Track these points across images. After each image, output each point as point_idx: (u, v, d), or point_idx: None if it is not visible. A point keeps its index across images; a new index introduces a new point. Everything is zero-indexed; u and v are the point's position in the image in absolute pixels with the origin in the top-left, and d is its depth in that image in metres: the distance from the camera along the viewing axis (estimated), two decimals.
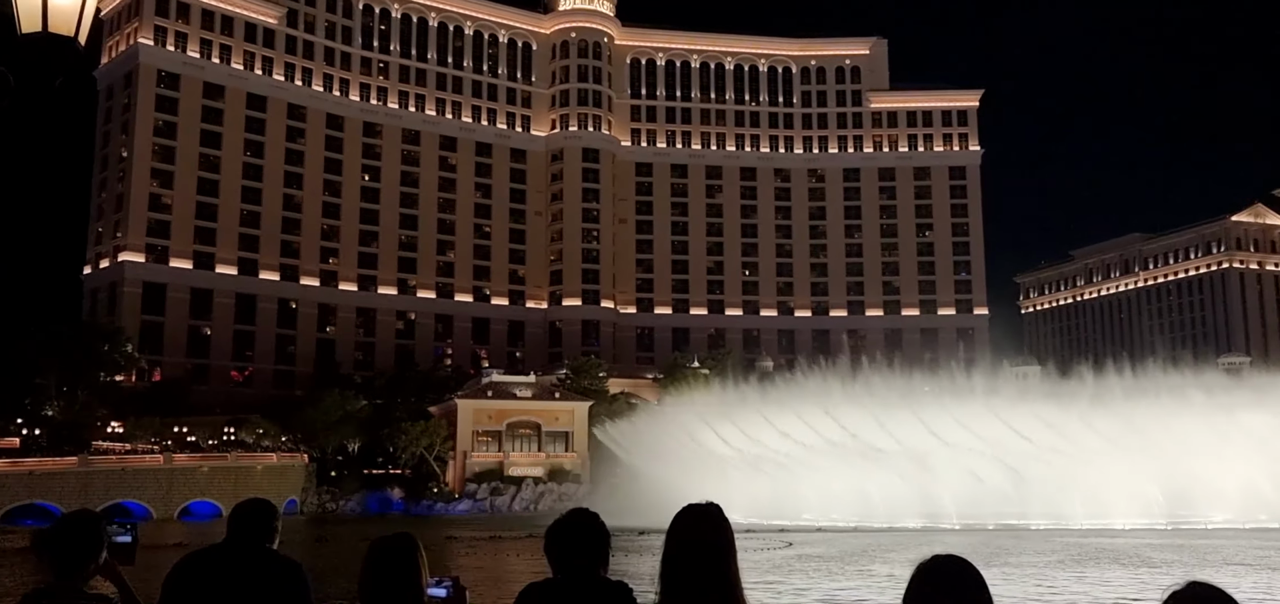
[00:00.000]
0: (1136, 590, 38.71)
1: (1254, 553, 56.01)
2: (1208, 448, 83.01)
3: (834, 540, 70.77)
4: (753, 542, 67.91)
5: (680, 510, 5.16)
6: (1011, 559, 54.12)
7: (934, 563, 4.29)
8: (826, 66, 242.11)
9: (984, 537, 72.90)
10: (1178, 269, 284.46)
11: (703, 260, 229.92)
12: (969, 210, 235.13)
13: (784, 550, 62.13)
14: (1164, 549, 59.82)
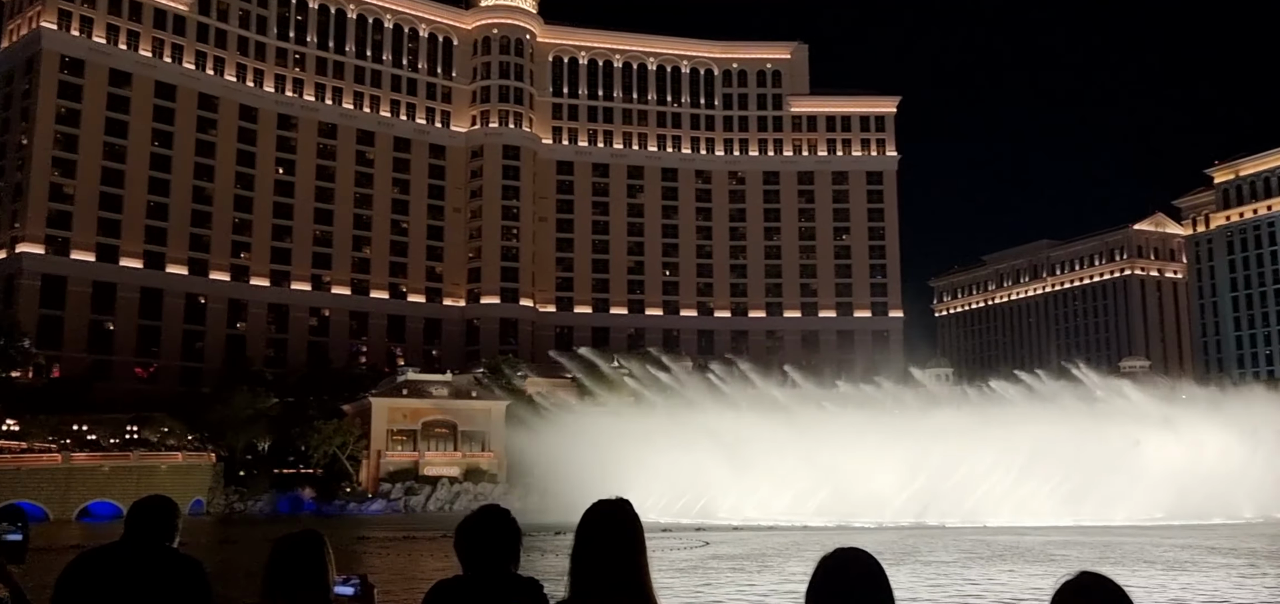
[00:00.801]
0: (1042, 582, 39.42)
1: (1153, 550, 57.79)
2: (1111, 451, 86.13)
3: (750, 539, 71.02)
4: (669, 541, 67.84)
5: (590, 506, 5.06)
6: (922, 556, 54.94)
7: (837, 556, 4.22)
8: (748, 69, 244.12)
9: (898, 535, 73.95)
10: (1083, 275, 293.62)
11: (623, 260, 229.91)
12: (885, 214, 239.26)
13: (700, 549, 62.14)
14: (1069, 546, 61.35)
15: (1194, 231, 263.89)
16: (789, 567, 50.49)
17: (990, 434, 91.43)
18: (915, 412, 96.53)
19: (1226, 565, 49.04)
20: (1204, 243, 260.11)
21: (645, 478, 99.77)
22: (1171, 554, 55.07)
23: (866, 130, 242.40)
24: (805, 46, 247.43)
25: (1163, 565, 49.03)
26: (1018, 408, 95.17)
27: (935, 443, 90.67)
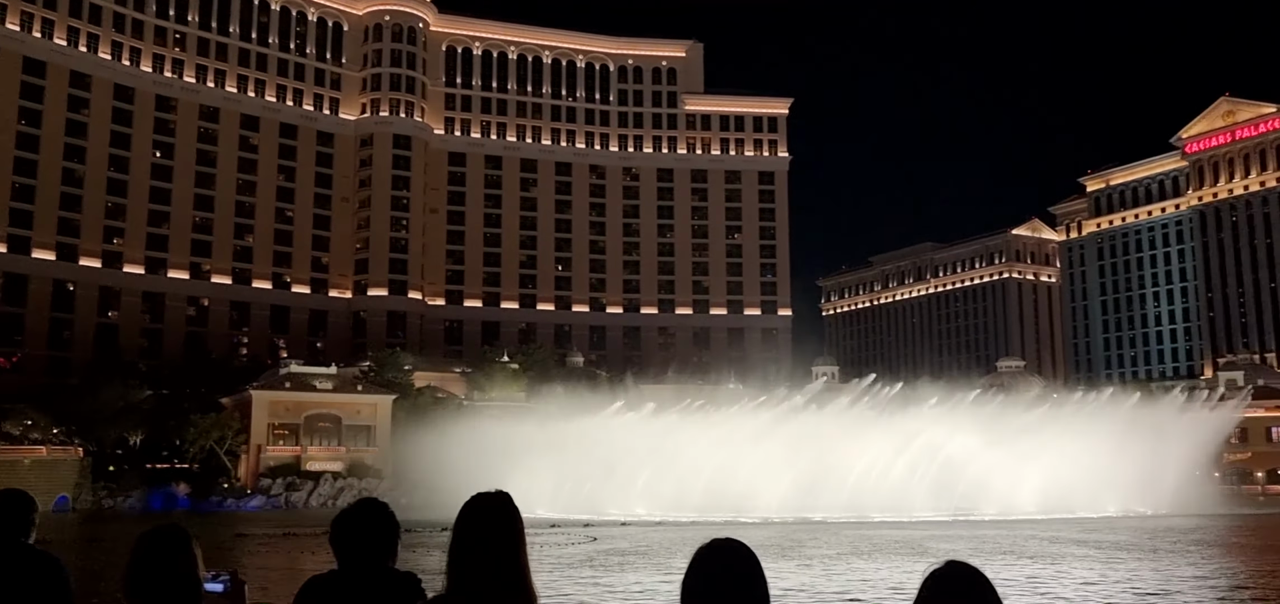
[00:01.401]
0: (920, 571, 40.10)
1: (1024, 543, 59.65)
2: (986, 448, 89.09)
3: (637, 534, 70.96)
4: (556, 536, 67.41)
5: (469, 500, 4.91)
6: (806, 550, 55.63)
7: (711, 547, 4.19)
8: (643, 66, 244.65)
9: (783, 529, 74.83)
10: (964, 278, 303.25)
11: (515, 253, 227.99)
12: (776, 214, 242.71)
13: (587, 545, 61.87)
14: (946, 539, 62.95)
15: (1067, 238, 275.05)
16: (674, 561, 50.46)
17: (873, 431, 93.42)
18: (801, 407, 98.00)
19: (1090, 557, 50.90)
20: (1077, 248, 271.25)
21: (533, 474, 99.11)
22: (1040, 547, 56.97)
23: (759, 131, 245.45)
24: (700, 46, 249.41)
25: (1031, 557, 50.62)
26: (902, 405, 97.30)
27: (818, 438, 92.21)
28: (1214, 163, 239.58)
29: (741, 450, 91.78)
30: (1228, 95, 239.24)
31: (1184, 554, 53.06)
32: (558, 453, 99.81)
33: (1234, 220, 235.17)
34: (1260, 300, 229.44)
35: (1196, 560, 49.83)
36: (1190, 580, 41.17)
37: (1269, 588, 39.88)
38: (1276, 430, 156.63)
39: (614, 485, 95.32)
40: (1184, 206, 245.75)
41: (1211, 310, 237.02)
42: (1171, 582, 40.32)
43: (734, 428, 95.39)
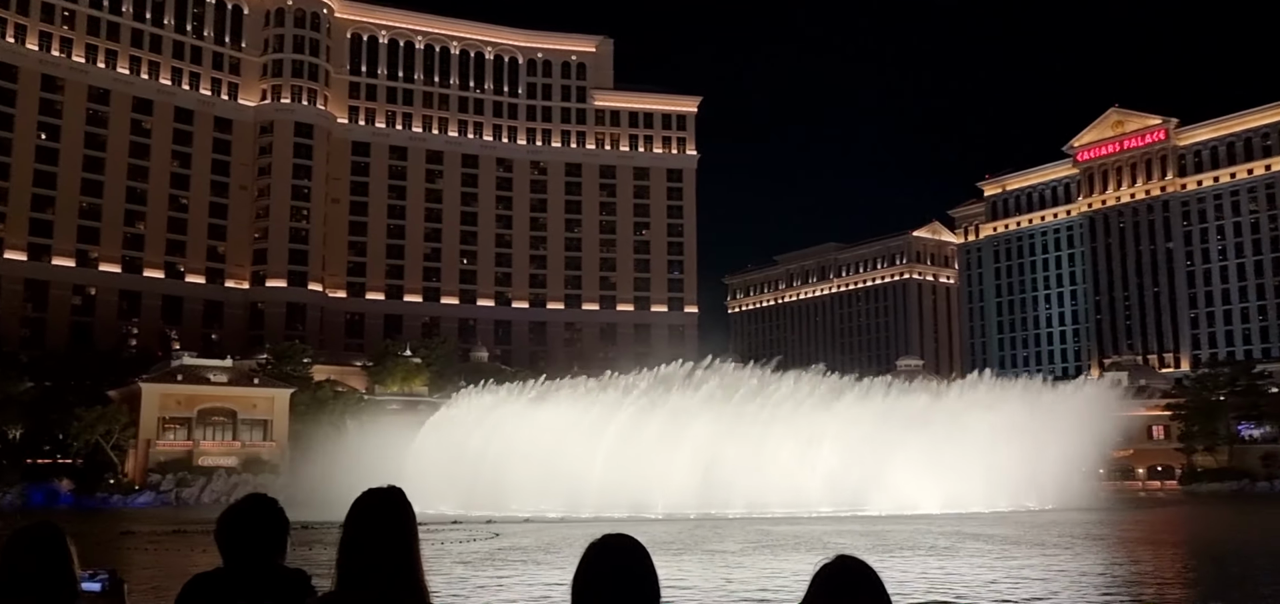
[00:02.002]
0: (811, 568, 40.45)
1: (920, 537, 60.86)
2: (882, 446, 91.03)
3: (541, 531, 70.32)
4: (458, 533, 66.40)
5: (360, 495, 4.82)
6: (708, 546, 55.78)
7: (601, 542, 4.25)
8: (553, 60, 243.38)
9: (686, 526, 74.97)
10: (867, 278, 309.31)
11: (420, 246, 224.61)
12: (684, 212, 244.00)
13: (489, 541, 61.10)
14: (844, 534, 63.84)
15: (966, 240, 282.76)
16: (576, 557, 50.02)
17: (777, 426, 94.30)
18: (710, 402, 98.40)
19: (983, 550, 52.07)
20: (974, 251, 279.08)
21: (435, 469, 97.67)
22: (934, 540, 58.16)
23: (668, 128, 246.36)
24: (610, 41, 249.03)
25: (925, 551, 51.59)
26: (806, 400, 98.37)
27: (722, 434, 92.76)
28: (1103, 171, 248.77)
29: (643, 445, 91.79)
30: (1117, 106, 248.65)
31: (1069, 548, 54.70)
32: (460, 448, 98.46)
33: (1121, 227, 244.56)
34: (1144, 304, 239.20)
35: (1080, 553, 51.42)
36: (1073, 574, 42.39)
37: (1146, 579, 41.27)
38: (1157, 429, 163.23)
39: (517, 481, 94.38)
40: (1075, 212, 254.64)
41: (1099, 313, 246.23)
42: (1052, 573, 41.46)
43: (631, 417, 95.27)
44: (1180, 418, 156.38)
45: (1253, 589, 37.29)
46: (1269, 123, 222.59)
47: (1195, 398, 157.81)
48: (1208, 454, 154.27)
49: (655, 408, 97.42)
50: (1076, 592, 36.59)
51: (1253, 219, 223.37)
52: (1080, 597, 35.35)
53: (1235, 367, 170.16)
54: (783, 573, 41.95)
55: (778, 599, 34.12)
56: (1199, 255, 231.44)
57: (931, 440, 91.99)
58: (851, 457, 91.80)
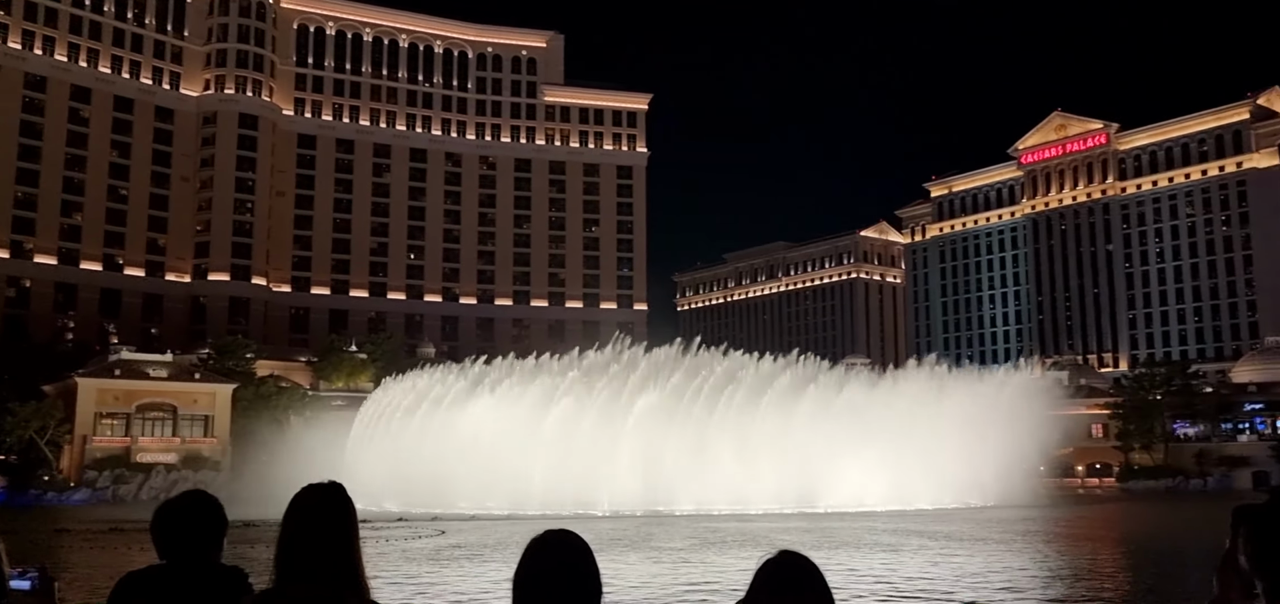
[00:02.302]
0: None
1: (866, 534, 61.38)
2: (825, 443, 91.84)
3: (488, 528, 69.86)
4: (402, 530, 65.87)
5: (299, 491, 4.77)
6: (654, 543, 55.77)
7: (543, 538, 4.26)
8: (503, 55, 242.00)
9: (633, 523, 74.93)
10: (815, 277, 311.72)
11: (366, 240, 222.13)
12: (634, 209, 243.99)
13: (435, 539, 60.64)
14: (790, 531, 64.19)
15: (912, 240, 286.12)
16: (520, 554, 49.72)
17: (726, 422, 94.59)
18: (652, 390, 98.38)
19: (926, 546, 52.62)
20: (920, 250, 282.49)
21: (382, 466, 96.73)
22: (879, 537, 58.65)
23: (618, 125, 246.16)
24: (561, 37, 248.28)
25: (870, 547, 52.01)
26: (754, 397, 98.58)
27: (671, 431, 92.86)
28: (1047, 173, 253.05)
29: (588, 441, 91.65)
30: (1060, 111, 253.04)
31: (1009, 544, 55.47)
32: (405, 443, 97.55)
33: (1063, 228, 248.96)
34: (1085, 304, 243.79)
35: (1021, 550, 52.16)
36: (1013, 569, 42.99)
37: (1083, 575, 41.97)
38: (1096, 427, 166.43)
39: (463, 478, 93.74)
40: (1019, 214, 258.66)
41: (1041, 313, 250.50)
42: (994, 569, 42.02)
43: (570, 404, 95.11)
44: (1118, 417, 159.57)
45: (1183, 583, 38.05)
46: (1206, 129, 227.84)
47: (1132, 397, 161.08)
48: (1144, 452, 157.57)
49: (593, 393, 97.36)
50: (1017, 587, 37.08)
51: (1189, 222, 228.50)
52: (1022, 592, 35.83)
53: (1171, 367, 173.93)
54: (727, 569, 42.03)
55: (721, 595, 34.14)
56: (1138, 257, 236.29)
57: (878, 437, 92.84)
58: (798, 453, 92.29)
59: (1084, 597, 35.42)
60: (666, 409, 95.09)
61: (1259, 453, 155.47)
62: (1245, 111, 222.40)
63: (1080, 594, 36.09)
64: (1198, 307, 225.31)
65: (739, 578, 30.05)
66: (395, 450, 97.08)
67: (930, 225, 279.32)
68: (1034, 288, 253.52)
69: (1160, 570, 44.63)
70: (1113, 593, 37.05)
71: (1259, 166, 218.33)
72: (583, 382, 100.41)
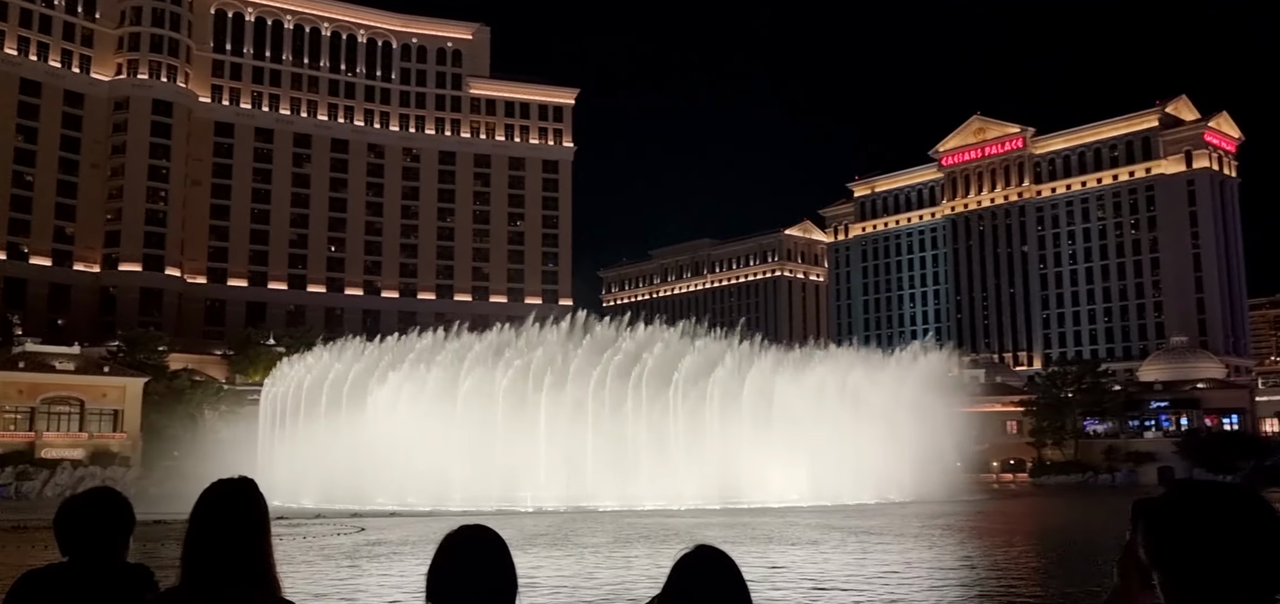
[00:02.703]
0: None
1: (787, 529, 61.81)
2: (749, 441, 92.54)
3: (409, 525, 68.80)
4: (321, 527, 64.59)
5: (207, 487, 4.67)
6: (576, 539, 55.45)
7: (458, 533, 4.24)
8: (428, 46, 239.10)
9: (557, 519, 74.50)
10: (739, 274, 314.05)
11: (285, 232, 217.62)
12: (559, 204, 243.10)
13: (354, 535, 59.48)
14: (711, 527, 64.34)
15: (836, 239, 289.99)
16: None
17: (647, 419, 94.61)
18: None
19: (845, 543, 53.13)
20: (843, 249, 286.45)
21: (299, 461, 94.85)
22: (799, 533, 59.10)
23: (545, 119, 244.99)
24: (487, 29, 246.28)
25: (789, 542, 52.34)
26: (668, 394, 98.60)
27: (591, 428, 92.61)
28: (966, 176, 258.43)
29: (510, 436, 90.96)
30: (980, 115, 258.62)
31: (930, 538, 56.30)
32: (323, 438, 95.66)
33: (982, 230, 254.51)
34: (1001, 304, 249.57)
35: (940, 544, 52.96)
36: (933, 563, 43.60)
37: (999, 568, 42.74)
38: (1011, 424, 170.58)
39: (384, 472, 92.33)
40: (939, 215, 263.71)
41: (960, 312, 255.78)
42: (913, 563, 42.58)
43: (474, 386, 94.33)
44: (1032, 414, 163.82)
45: (1092, 574, 38.95)
46: (1117, 135, 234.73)
47: (1045, 395, 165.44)
48: (1056, 448, 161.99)
49: (502, 366, 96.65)
50: (936, 581, 37.57)
51: (1100, 226, 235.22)
52: (942, 586, 36.30)
53: (1082, 366, 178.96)
54: (648, 565, 41.87)
55: (639, 590, 33.93)
56: (1052, 259, 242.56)
57: (799, 434, 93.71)
58: (720, 449, 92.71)
59: (1000, 589, 36.02)
60: (581, 387, 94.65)
61: (1164, 449, 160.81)
62: (1154, 119, 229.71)
63: (996, 586, 36.69)
64: (1108, 307, 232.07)
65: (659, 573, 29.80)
66: (312, 445, 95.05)
67: (853, 225, 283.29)
68: (953, 287, 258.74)
69: (1070, 562, 45.65)
70: (1026, 584, 37.75)
71: (1166, 173, 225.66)
72: (492, 360, 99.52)
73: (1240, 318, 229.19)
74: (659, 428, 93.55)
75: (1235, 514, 2.77)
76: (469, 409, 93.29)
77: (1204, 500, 2.84)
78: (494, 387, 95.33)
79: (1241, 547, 2.72)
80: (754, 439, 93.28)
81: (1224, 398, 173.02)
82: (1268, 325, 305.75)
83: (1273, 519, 2.78)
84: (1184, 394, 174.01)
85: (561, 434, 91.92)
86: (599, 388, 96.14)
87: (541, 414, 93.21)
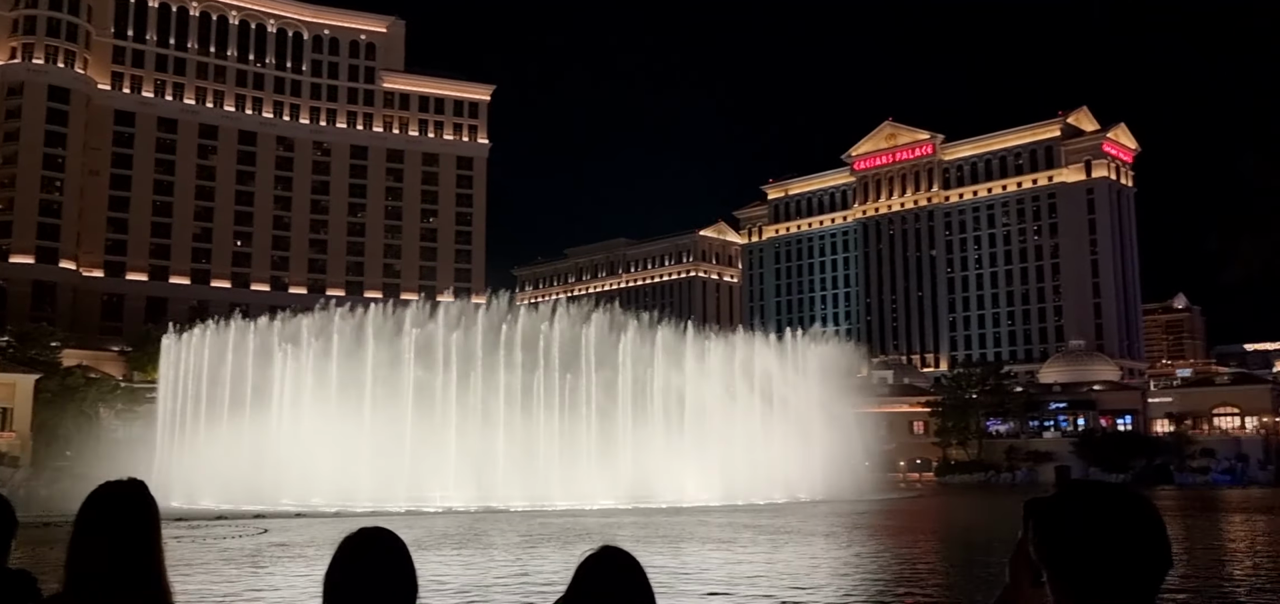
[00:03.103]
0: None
1: (698, 528, 62.08)
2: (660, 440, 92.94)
3: (314, 527, 67.30)
4: (222, 529, 62.84)
5: (94, 489, 4.53)
6: (487, 539, 54.90)
7: (357, 536, 4.16)
8: (340, 38, 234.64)
9: (464, 519, 73.70)
10: (655, 274, 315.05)
11: (189, 225, 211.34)
12: (474, 201, 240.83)
13: (257, 537, 57.95)
14: (622, 526, 64.32)
15: (749, 240, 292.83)
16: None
17: (557, 417, 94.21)
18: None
19: (756, 540, 53.55)
20: (757, 250, 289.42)
21: (199, 461, 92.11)
22: (709, 532, 59.42)
23: (460, 115, 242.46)
24: (402, 23, 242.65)
25: (699, 541, 52.54)
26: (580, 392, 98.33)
27: (501, 427, 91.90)
28: (877, 180, 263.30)
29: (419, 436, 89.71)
30: (891, 121, 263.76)
31: (838, 536, 57.07)
32: (224, 438, 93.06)
33: (892, 233, 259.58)
34: (910, 306, 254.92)
35: (848, 541, 53.70)
36: (841, 560, 44.13)
37: (904, 563, 43.49)
38: (918, 424, 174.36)
39: (290, 473, 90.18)
40: (851, 218, 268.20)
41: (870, 314, 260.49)
42: (820, 560, 43.06)
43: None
44: (937, 414, 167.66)
45: (990, 569, 39.97)
46: (1022, 143, 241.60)
47: (950, 396, 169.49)
48: (960, 448, 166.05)
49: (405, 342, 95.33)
50: (844, 576, 38.03)
51: (1005, 231, 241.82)
52: (850, 578, 36.75)
53: (986, 367, 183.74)
54: (556, 564, 41.61)
55: (543, 591, 33.70)
56: (959, 263, 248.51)
57: (711, 433, 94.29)
58: (631, 450, 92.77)
59: (905, 583, 36.60)
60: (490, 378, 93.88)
61: (1062, 448, 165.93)
62: (1056, 129, 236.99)
63: (902, 581, 37.27)
64: (1011, 311, 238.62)
65: (564, 571, 29.60)
66: (213, 445, 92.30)
67: (767, 227, 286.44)
68: (863, 289, 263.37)
69: (972, 558, 46.68)
70: (927, 580, 38.45)
71: (1067, 181, 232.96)
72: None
73: (1135, 322, 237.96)
74: (569, 427, 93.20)
75: (1118, 512, 2.87)
76: (376, 405, 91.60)
77: (1089, 500, 2.95)
78: (401, 379, 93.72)
79: (1123, 544, 2.82)
80: (665, 439, 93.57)
81: (1118, 399, 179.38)
82: (1159, 330, 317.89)
83: (1153, 517, 2.89)
84: (1081, 395, 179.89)
85: (470, 433, 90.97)
86: (507, 375, 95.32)
87: (451, 410, 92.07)
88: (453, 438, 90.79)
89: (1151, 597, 2.84)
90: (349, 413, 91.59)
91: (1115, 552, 2.80)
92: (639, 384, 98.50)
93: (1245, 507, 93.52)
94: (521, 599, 33.39)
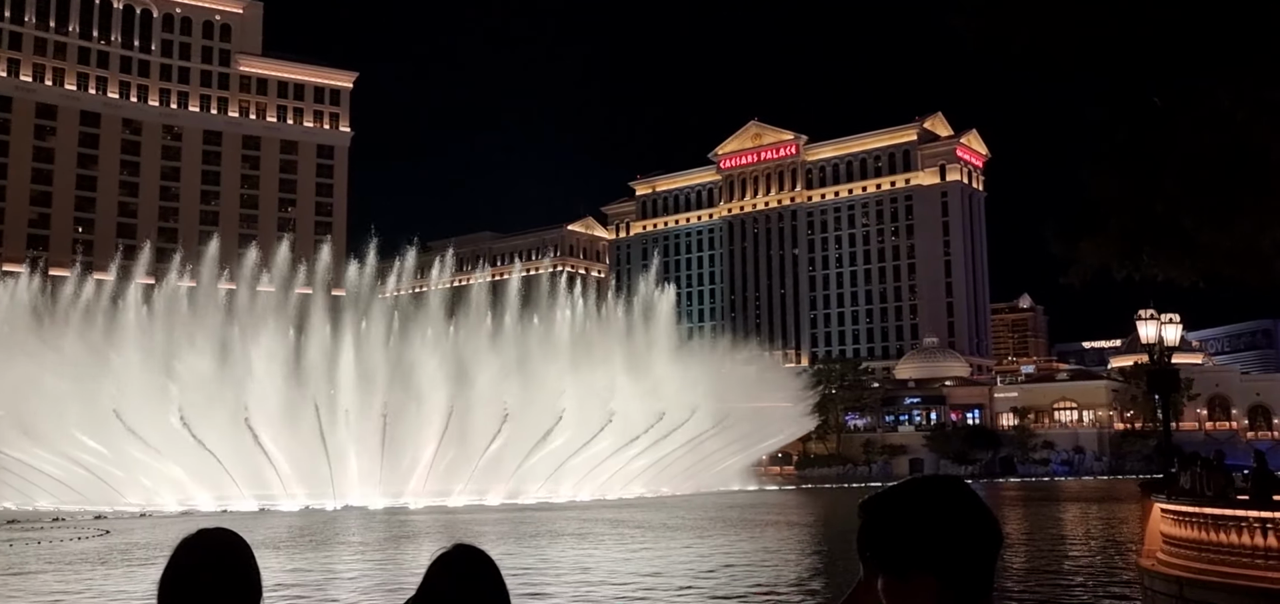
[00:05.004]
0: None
1: (562, 524, 61.82)
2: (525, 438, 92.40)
3: (158, 527, 64.44)
4: (60, 531, 59.88)
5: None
6: (341, 539, 53.61)
7: (196, 536, 4.02)
8: (193, 17, 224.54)
9: (323, 518, 71.87)
10: (521, 268, 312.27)
11: (25, 210, 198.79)
12: (334, 191, 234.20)
13: (97, 540, 55.23)
14: (487, 523, 63.60)
15: (617, 237, 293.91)
16: None
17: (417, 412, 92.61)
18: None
19: (620, 534, 53.59)
20: (624, 246, 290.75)
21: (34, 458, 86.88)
22: (575, 527, 59.25)
23: (320, 102, 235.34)
24: (260, 4, 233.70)
25: (565, 536, 52.32)
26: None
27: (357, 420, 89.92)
28: (742, 179, 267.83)
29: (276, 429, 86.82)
30: (757, 120, 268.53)
31: (700, 530, 57.59)
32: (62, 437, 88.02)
33: (756, 232, 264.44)
34: (773, 303, 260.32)
35: (709, 535, 54.19)
36: (703, 553, 44.48)
37: (767, 554, 44.12)
38: None
39: (132, 470, 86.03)
40: (717, 215, 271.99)
41: (734, 310, 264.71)
42: (682, 554, 43.31)
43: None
44: None
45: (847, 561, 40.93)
46: (881, 146, 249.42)
47: (811, 391, 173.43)
48: (820, 442, 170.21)
49: None
50: (705, 570, 38.29)
51: (864, 231, 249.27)
52: (712, 573, 37.01)
53: (845, 364, 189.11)
54: (410, 564, 40.76)
55: (396, 590, 32.88)
56: (820, 262, 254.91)
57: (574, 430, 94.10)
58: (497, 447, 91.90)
59: (765, 576, 37.08)
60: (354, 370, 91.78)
61: (915, 442, 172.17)
62: (913, 133, 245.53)
63: (761, 573, 37.74)
64: (870, 308, 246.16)
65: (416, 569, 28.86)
66: (49, 444, 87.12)
67: (635, 223, 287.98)
68: (728, 286, 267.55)
69: (831, 552, 47.70)
70: (787, 571, 39.08)
71: (923, 184, 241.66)
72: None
73: (984, 321, 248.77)
74: (430, 423, 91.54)
75: (935, 502, 2.99)
76: (227, 399, 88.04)
77: (909, 493, 3.08)
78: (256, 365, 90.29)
79: (938, 530, 2.94)
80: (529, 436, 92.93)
81: (968, 394, 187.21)
82: (1006, 329, 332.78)
83: (968, 506, 2.99)
84: (934, 391, 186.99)
85: (332, 428, 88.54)
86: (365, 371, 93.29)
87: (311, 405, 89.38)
88: (316, 433, 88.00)
89: (987, 572, 2.94)
90: (196, 407, 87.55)
91: (929, 537, 2.92)
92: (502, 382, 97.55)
93: (1082, 497, 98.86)
94: (385, 593, 32.45)
